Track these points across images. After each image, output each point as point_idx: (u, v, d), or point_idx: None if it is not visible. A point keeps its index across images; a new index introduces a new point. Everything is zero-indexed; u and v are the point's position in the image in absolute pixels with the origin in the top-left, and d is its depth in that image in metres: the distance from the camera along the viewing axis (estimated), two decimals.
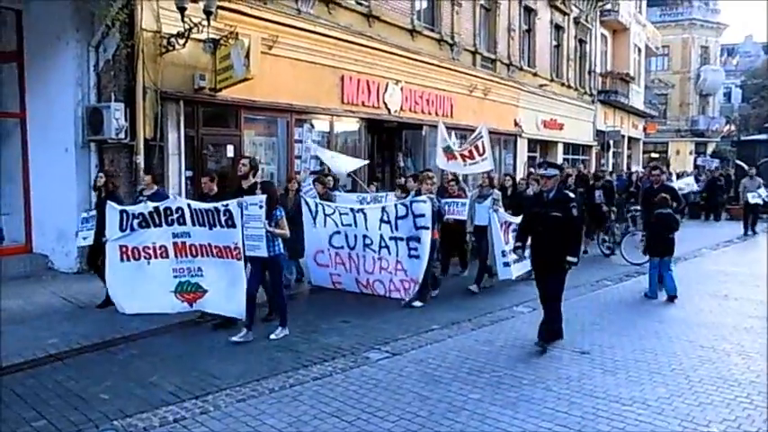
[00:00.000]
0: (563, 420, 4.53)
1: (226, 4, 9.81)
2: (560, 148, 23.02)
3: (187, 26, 8.92)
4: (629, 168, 28.38)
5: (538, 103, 20.76)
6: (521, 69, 19.79)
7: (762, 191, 18.07)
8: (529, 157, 20.54)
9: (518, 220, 8.42)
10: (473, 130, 17.22)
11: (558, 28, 22.68)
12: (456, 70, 16.16)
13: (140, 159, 9.02)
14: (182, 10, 8.70)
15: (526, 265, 8.54)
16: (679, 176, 23.65)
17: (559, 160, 22.11)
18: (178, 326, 6.98)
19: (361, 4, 13.23)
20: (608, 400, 4.91)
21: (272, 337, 6.54)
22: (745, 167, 23.36)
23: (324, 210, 8.32)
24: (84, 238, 7.65)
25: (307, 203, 8.45)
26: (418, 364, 5.73)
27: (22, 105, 9.54)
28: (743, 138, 30.22)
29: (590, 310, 7.97)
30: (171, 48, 9.17)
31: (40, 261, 9.50)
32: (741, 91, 48.13)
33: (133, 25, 8.92)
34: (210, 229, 6.51)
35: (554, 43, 22.52)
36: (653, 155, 41.24)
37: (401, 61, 14.07)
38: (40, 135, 9.46)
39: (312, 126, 12.38)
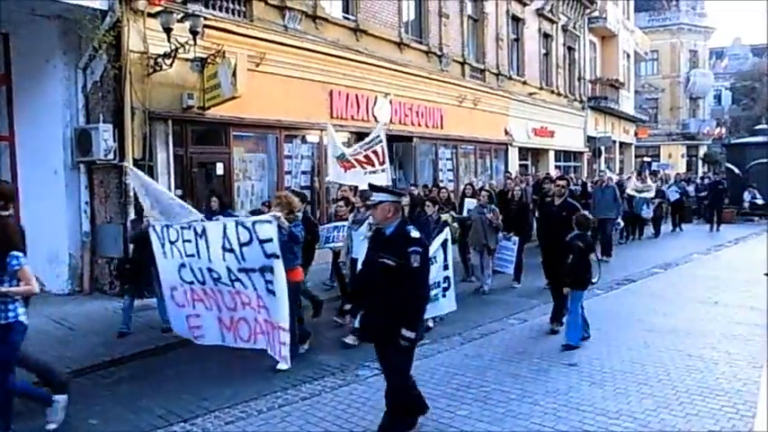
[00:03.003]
0: None
1: (212, 23, 9.90)
2: (552, 155, 23.12)
3: (174, 46, 8.99)
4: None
5: (528, 112, 20.86)
6: (510, 78, 19.92)
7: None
8: (520, 166, 20.63)
9: None
10: (464, 141, 17.60)
11: (546, 36, 22.83)
12: (445, 81, 16.26)
13: (130, 180, 9.03)
14: (168, 31, 8.77)
15: None
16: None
17: (551, 168, 22.22)
18: (168, 347, 6.99)
19: (348, 19, 13.33)
20: (595, 413, 4.95)
21: None
22: (736, 170, 23.60)
23: (169, 235, 6.41)
24: None
25: (154, 229, 6.58)
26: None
27: (11, 128, 9.58)
28: (733, 140, 30.46)
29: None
30: (158, 68, 9.23)
31: None
32: (731, 93, 48.72)
33: (120, 47, 8.96)
34: None
35: (543, 51, 22.66)
36: (645, 159, 41.46)
37: (389, 74, 14.15)
38: (30, 157, 9.49)
39: (303, 140, 12.44)
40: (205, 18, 9.48)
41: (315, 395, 5.47)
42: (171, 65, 9.21)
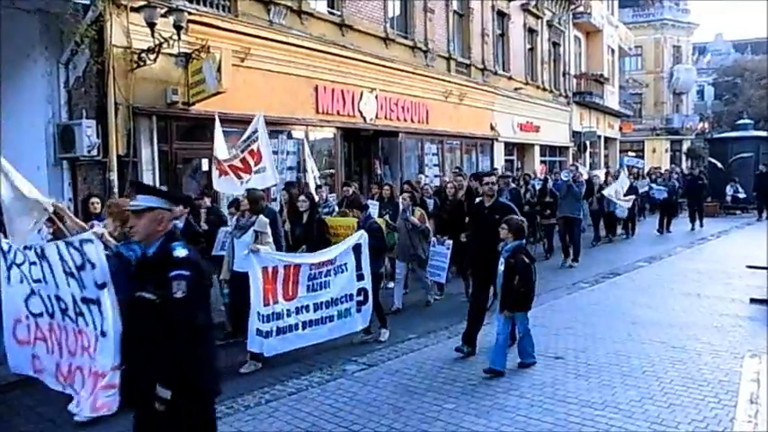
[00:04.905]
0: (535, 427, 4.60)
1: (197, 18, 9.81)
2: (537, 150, 23.23)
3: (158, 41, 8.89)
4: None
5: (513, 107, 20.93)
6: (495, 74, 19.95)
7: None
8: (506, 161, 20.72)
9: (299, 259, 6.54)
10: (450, 136, 17.63)
11: (531, 31, 22.90)
12: (431, 77, 16.25)
13: (114, 176, 8.95)
14: (151, 25, 8.67)
15: (298, 339, 6.34)
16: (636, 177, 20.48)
17: (536, 163, 22.34)
18: None
19: (333, 14, 13.28)
20: (580, 405, 5.00)
21: None
22: (718, 164, 23.86)
23: (15, 257, 5.30)
24: None
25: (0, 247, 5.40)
26: (394, 375, 5.78)
27: None
28: (715, 135, 30.75)
29: (564, 314, 8.08)
30: (142, 63, 9.13)
31: None
32: (713, 89, 49.24)
33: (103, 41, 8.85)
34: None
35: (528, 47, 22.73)
36: (629, 153, 41.82)
37: (375, 69, 14.12)
38: (11, 154, 9.22)
39: (288, 136, 12.39)
40: (189, 13, 9.38)
41: (302, 390, 5.47)
42: (155, 60, 9.11)
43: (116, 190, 8.94)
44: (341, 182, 12.98)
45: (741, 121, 27.95)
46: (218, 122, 8.70)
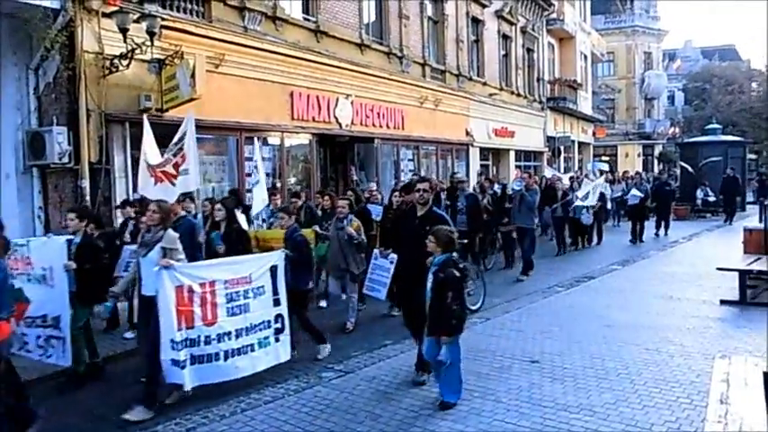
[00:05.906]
0: (512, 431, 4.62)
1: (170, 24, 9.73)
2: (512, 155, 23.42)
3: (130, 47, 8.81)
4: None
5: (488, 112, 21.09)
6: (470, 79, 20.11)
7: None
8: (481, 166, 20.85)
9: (212, 272, 5.69)
10: (425, 142, 17.69)
11: (505, 38, 23.13)
12: (406, 82, 16.32)
13: (86, 183, 8.84)
14: (124, 31, 8.59)
15: (218, 371, 5.64)
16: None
17: (511, 168, 22.52)
18: (124, 355, 6.86)
19: (308, 20, 13.27)
20: (556, 408, 5.03)
21: None
22: (689, 168, 24.32)
23: None
24: None
25: None
26: (371, 381, 5.76)
27: None
28: (686, 140, 31.32)
29: (540, 318, 8.14)
30: (114, 69, 9.03)
31: None
32: (683, 94, 50.19)
33: (74, 47, 8.74)
34: None
35: (502, 53, 22.94)
36: (603, 158, 42.40)
37: (351, 75, 14.13)
38: None
39: (264, 142, 12.32)
40: (162, 18, 9.31)
41: (278, 398, 5.43)
42: (128, 66, 9.02)
43: (88, 198, 8.82)
44: (316, 189, 12.95)
45: (710, 126, 28.52)
46: (146, 125, 8.01)
